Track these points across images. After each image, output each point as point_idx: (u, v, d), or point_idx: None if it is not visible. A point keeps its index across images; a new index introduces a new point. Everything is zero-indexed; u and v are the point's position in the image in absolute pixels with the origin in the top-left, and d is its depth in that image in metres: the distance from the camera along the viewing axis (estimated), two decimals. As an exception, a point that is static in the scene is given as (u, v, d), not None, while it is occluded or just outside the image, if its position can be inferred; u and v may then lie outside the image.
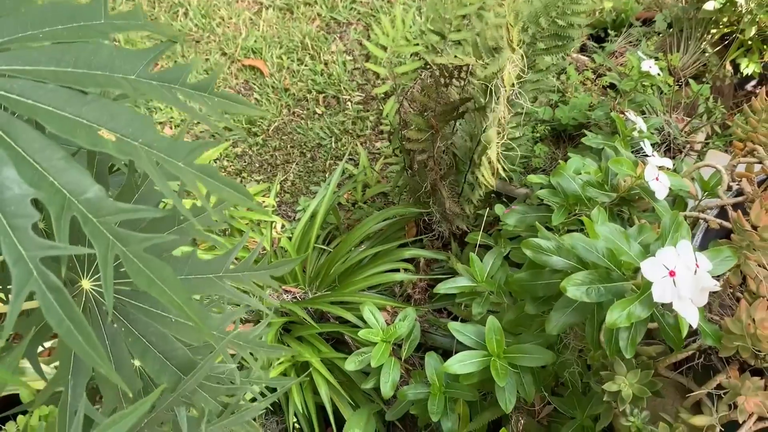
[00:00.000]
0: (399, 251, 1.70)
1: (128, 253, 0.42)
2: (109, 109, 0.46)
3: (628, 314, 0.78)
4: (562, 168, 1.14)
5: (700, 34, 2.04)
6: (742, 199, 1.01)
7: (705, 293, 0.78)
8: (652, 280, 0.76)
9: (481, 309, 1.24)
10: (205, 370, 0.64)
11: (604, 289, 0.84)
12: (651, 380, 0.95)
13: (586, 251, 0.87)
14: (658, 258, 0.77)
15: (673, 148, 1.72)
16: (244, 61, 2.68)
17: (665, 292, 0.76)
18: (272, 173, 2.34)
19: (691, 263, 0.77)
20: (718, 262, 0.82)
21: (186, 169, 0.56)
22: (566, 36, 1.24)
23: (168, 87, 0.61)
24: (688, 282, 0.75)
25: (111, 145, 0.45)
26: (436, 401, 1.22)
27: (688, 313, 0.76)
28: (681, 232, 0.82)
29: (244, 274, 0.76)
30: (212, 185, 0.58)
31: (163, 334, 0.64)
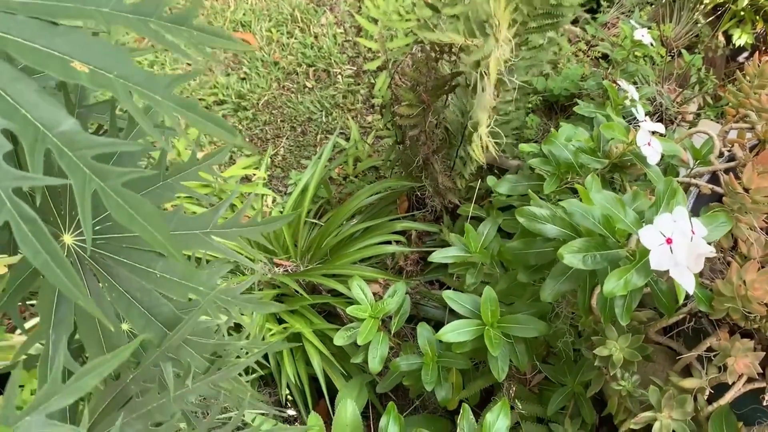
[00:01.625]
0: (391, 224, 1.69)
1: (106, 187, 0.41)
2: (82, 40, 0.44)
3: (625, 282, 0.78)
4: (554, 136, 1.13)
5: (693, 4, 2.02)
6: (734, 164, 1.01)
7: (701, 259, 0.78)
8: (650, 247, 0.76)
9: (474, 279, 1.24)
10: (190, 324, 0.63)
11: (600, 257, 0.84)
12: (641, 345, 0.95)
13: (582, 218, 0.87)
14: (655, 225, 0.77)
15: (665, 118, 1.71)
16: (233, 35, 2.64)
17: (662, 260, 0.76)
18: (263, 147, 2.32)
19: (687, 230, 0.77)
20: (713, 228, 0.82)
21: (164, 102, 0.54)
22: (559, 14, 1.23)
23: (144, 20, 0.59)
24: (685, 249, 0.75)
25: (84, 76, 0.44)
26: (429, 371, 1.23)
27: (685, 280, 0.76)
28: (677, 198, 0.82)
29: (233, 231, 0.75)
30: (193, 118, 0.56)
31: (148, 290, 0.63)
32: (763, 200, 0.82)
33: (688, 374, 0.93)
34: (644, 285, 0.80)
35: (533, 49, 1.32)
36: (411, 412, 1.49)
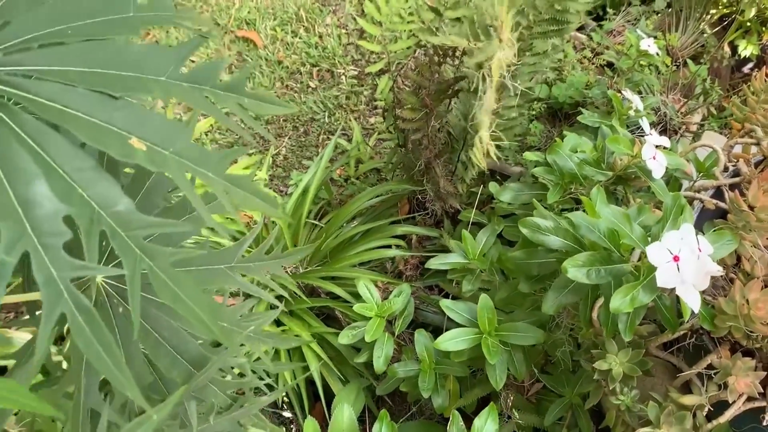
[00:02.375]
0: (391, 228, 1.69)
1: (155, 267, 0.41)
2: (139, 114, 0.43)
3: (631, 299, 0.78)
4: (558, 146, 1.13)
5: (700, 14, 2.02)
6: (739, 180, 1.00)
7: (707, 277, 0.77)
8: (657, 265, 0.75)
9: (472, 286, 1.23)
10: (216, 365, 0.63)
11: (605, 271, 0.84)
12: (641, 359, 0.95)
13: (588, 231, 0.86)
14: (663, 242, 0.76)
15: (669, 128, 1.71)
16: (238, 33, 2.64)
17: (669, 278, 0.75)
18: (264, 147, 2.32)
19: (695, 248, 0.76)
20: (719, 246, 0.82)
21: (215, 179, 0.54)
22: (564, 21, 1.22)
23: (199, 89, 0.58)
24: (692, 267, 0.75)
25: (142, 155, 0.42)
26: (426, 378, 1.23)
27: (691, 298, 0.75)
28: (684, 215, 0.81)
29: (257, 264, 0.75)
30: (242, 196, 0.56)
31: (175, 329, 0.63)
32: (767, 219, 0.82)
33: (687, 390, 0.92)
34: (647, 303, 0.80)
35: (537, 55, 1.31)
36: (408, 417, 1.49)
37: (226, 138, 2.34)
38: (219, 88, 0.53)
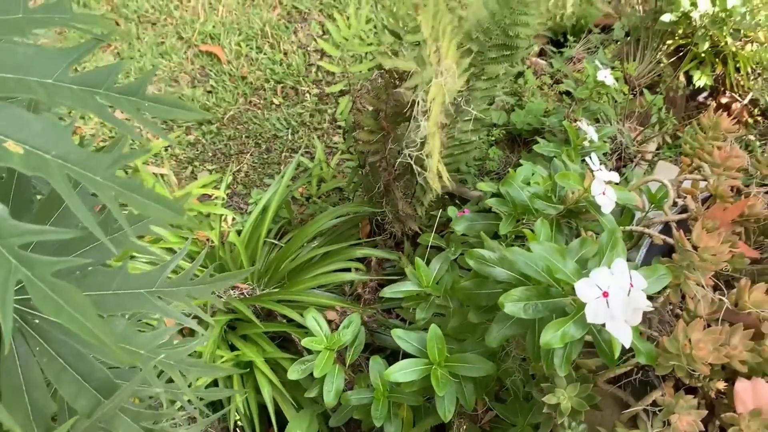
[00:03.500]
0: (350, 250, 1.67)
1: (33, 277, 0.39)
2: (18, 117, 0.42)
3: (562, 334, 0.78)
4: (512, 177, 1.13)
5: (657, 44, 2.06)
6: (686, 216, 1.02)
7: (639, 313, 0.78)
8: (586, 300, 0.76)
9: (425, 314, 1.23)
10: (125, 393, 0.60)
11: (542, 306, 0.84)
12: (589, 394, 0.95)
13: (526, 266, 0.86)
14: (591, 278, 0.77)
15: (625, 156, 1.74)
16: (201, 47, 2.61)
17: (598, 313, 0.76)
18: (225, 163, 2.29)
19: (625, 284, 0.77)
20: (653, 281, 0.83)
21: (105, 183, 0.52)
22: (514, 46, 1.23)
23: (90, 92, 0.56)
24: (621, 303, 0.75)
25: (18, 158, 0.41)
26: (379, 406, 1.21)
27: (621, 333, 0.76)
28: (617, 250, 0.82)
29: (180, 289, 0.72)
30: (136, 201, 0.54)
31: (82, 354, 0.60)
32: (710, 259, 0.83)
33: (634, 425, 0.93)
34: (583, 336, 0.80)
35: (490, 79, 1.32)
36: (362, 445, 1.47)
37: (187, 153, 2.31)
38: (115, 91, 0.51)
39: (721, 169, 1.00)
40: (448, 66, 1.10)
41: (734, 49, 1.95)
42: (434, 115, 1.14)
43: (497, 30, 1.26)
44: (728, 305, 0.82)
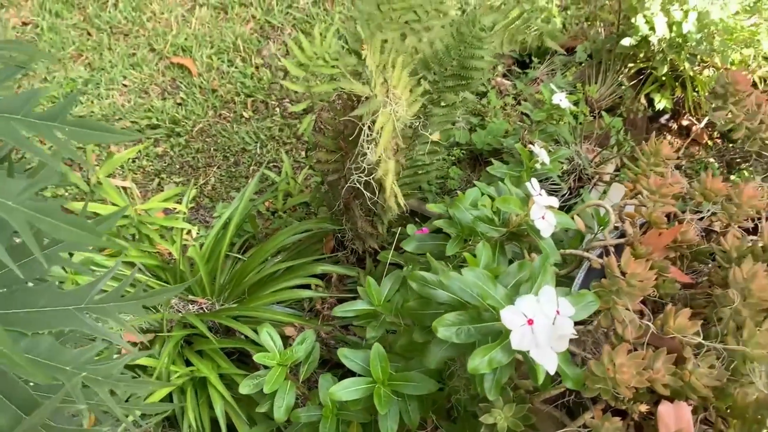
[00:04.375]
0: (311, 266, 1.69)
1: None
2: None
3: (489, 360, 0.80)
4: (460, 199, 1.15)
5: (619, 67, 2.11)
6: (623, 241, 1.05)
7: (565, 339, 0.80)
8: (511, 327, 0.78)
9: (376, 333, 1.24)
10: (46, 410, 0.61)
11: (475, 330, 0.86)
12: (525, 414, 0.97)
13: (461, 290, 0.88)
14: (517, 306, 0.79)
15: (583, 177, 1.77)
16: (173, 59, 2.62)
17: (523, 340, 0.78)
18: (193, 176, 2.29)
19: (550, 312, 0.79)
20: (581, 307, 0.85)
21: (17, 209, 0.53)
22: (469, 77, 1.26)
23: (6, 118, 0.57)
24: (546, 331, 0.77)
25: None
26: (327, 424, 1.22)
27: (545, 360, 0.78)
28: (545, 277, 0.84)
29: (111, 306, 0.73)
30: (50, 225, 0.55)
31: (2, 372, 0.61)
32: (638, 285, 0.85)
33: (568, 445, 0.95)
34: (513, 361, 0.82)
35: (447, 106, 1.35)
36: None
37: (153, 165, 2.31)
38: (34, 117, 0.52)
39: (656, 195, 1.03)
40: (398, 95, 1.13)
41: (692, 73, 2.00)
42: (383, 142, 1.17)
43: (453, 61, 1.28)
44: (654, 330, 0.85)
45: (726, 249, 0.94)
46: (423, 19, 1.53)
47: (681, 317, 0.85)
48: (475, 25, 1.22)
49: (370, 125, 1.10)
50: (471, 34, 1.23)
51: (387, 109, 1.10)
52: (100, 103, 2.48)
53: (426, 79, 1.29)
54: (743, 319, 0.86)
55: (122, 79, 2.57)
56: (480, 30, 1.22)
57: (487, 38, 1.23)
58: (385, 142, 1.15)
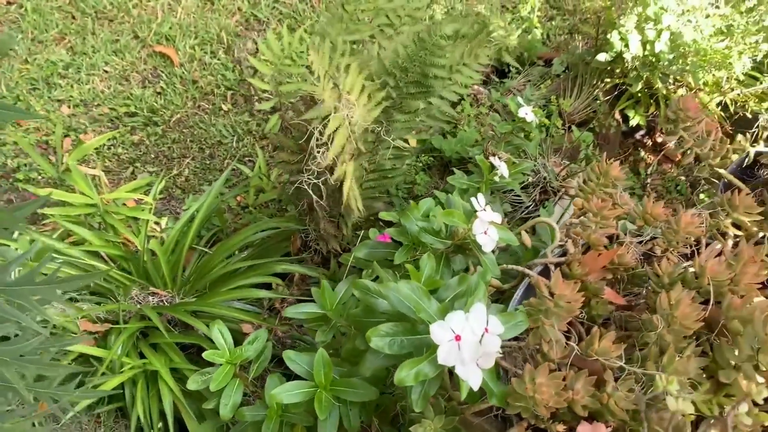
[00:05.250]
0: (272, 265, 1.70)
1: None
2: None
3: (416, 373, 0.81)
4: (411, 209, 1.17)
5: (595, 81, 2.13)
6: (564, 260, 1.06)
7: (492, 357, 0.82)
8: (439, 343, 0.79)
9: (325, 337, 1.25)
10: None
11: (407, 342, 0.87)
12: (455, 426, 0.99)
13: (398, 302, 0.90)
14: (447, 322, 0.80)
15: (548, 190, 1.79)
16: (156, 47, 2.61)
17: (449, 356, 0.79)
18: (168, 166, 2.29)
19: (478, 329, 0.80)
20: (510, 326, 0.87)
21: None
22: (430, 85, 1.27)
23: None
24: (472, 348, 0.79)
25: None
26: (271, 425, 1.23)
27: (470, 376, 0.79)
28: (478, 293, 0.86)
29: (25, 288, 0.74)
30: None
31: None
32: (565, 306, 0.87)
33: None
34: (440, 374, 0.83)
35: (409, 113, 1.36)
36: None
37: (129, 153, 2.31)
38: None
39: (597, 217, 1.04)
40: (352, 100, 1.14)
41: (665, 92, 2.02)
42: (336, 146, 1.18)
43: (414, 68, 1.29)
44: (578, 351, 0.86)
45: (659, 274, 0.96)
46: (396, 24, 1.54)
47: (605, 340, 0.87)
48: (436, 33, 1.23)
49: (321, 129, 1.10)
50: (432, 42, 1.24)
51: (339, 114, 1.10)
52: (79, 88, 2.47)
53: (388, 84, 1.30)
54: (667, 344, 0.87)
55: (104, 65, 2.56)
56: (440, 38, 1.23)
57: (447, 47, 1.24)
58: (337, 147, 1.16)
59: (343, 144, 1.16)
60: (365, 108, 1.25)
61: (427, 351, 0.86)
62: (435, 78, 1.26)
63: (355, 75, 1.14)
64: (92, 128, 2.36)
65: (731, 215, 1.05)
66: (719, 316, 0.91)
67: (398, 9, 1.51)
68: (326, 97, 1.08)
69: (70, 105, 2.44)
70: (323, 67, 1.06)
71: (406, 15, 1.53)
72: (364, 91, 1.21)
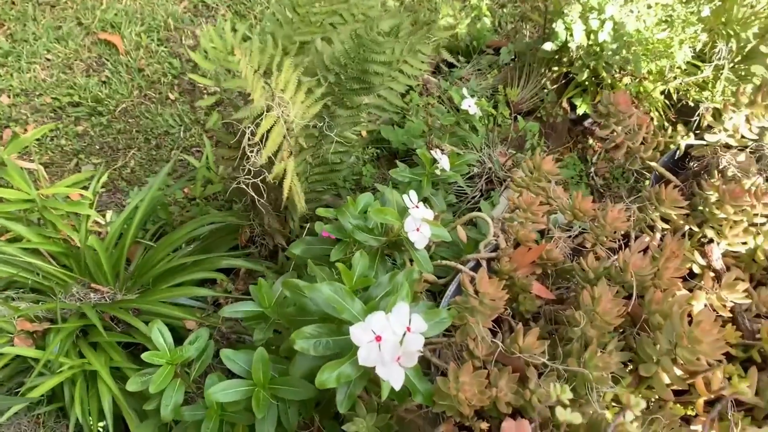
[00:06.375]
0: (217, 260, 1.67)
1: None
2: None
3: (338, 375, 0.81)
4: (348, 206, 1.16)
5: (543, 70, 2.14)
6: (495, 255, 1.07)
7: (414, 355, 0.82)
8: (359, 344, 0.79)
9: (263, 335, 1.24)
10: None
11: (333, 343, 0.87)
12: (388, 423, 0.99)
13: (325, 304, 0.89)
14: (367, 323, 0.80)
15: (494, 180, 1.80)
16: (100, 35, 2.54)
17: (369, 357, 0.79)
18: (113, 157, 2.24)
19: (399, 329, 0.80)
20: (434, 324, 0.87)
21: None
22: (369, 81, 1.26)
23: None
24: (392, 348, 0.79)
25: None
26: (210, 425, 1.22)
27: (391, 376, 0.79)
28: (402, 293, 0.85)
29: None
30: None
31: None
32: (489, 303, 0.88)
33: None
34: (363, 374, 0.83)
35: (352, 108, 1.35)
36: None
37: (72, 144, 2.24)
38: None
39: (527, 213, 1.05)
40: (286, 99, 1.12)
41: (610, 80, 2.04)
42: (271, 146, 1.16)
43: (353, 65, 1.28)
44: (502, 348, 0.87)
45: (585, 269, 0.97)
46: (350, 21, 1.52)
47: (530, 336, 0.88)
48: (373, 29, 1.22)
49: (253, 129, 1.08)
50: (369, 38, 1.23)
51: (273, 113, 1.09)
52: (20, 77, 2.39)
53: (327, 80, 1.28)
54: (590, 340, 0.89)
55: (45, 53, 2.48)
56: (377, 34, 1.22)
57: (385, 43, 1.23)
58: (272, 147, 1.15)
59: (279, 143, 1.15)
60: (303, 105, 1.23)
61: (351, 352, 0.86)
62: (375, 74, 1.25)
63: (289, 72, 1.12)
64: (34, 119, 2.28)
65: (659, 209, 1.07)
66: (642, 311, 0.93)
67: (352, 7, 1.49)
68: (256, 96, 1.06)
69: (10, 95, 2.36)
70: (252, 66, 1.04)
71: (361, 13, 1.51)
72: (300, 88, 1.19)
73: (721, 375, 0.88)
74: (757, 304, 0.97)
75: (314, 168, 1.58)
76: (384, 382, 0.81)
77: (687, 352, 0.84)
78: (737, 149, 1.17)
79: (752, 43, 1.77)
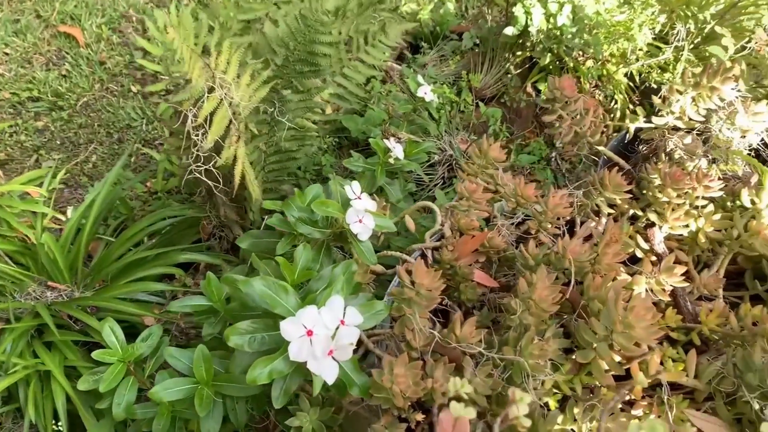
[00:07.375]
0: (175, 255, 1.65)
1: None
2: None
3: (270, 371, 0.80)
4: (295, 198, 1.14)
5: (507, 55, 2.12)
6: (439, 244, 1.06)
7: (348, 349, 0.81)
8: (290, 339, 0.78)
9: (213, 330, 1.23)
10: None
11: (268, 338, 0.86)
12: (332, 416, 0.98)
13: (260, 299, 0.88)
14: (298, 317, 0.79)
15: (455, 168, 1.79)
16: (60, 27, 2.49)
17: (301, 351, 0.78)
18: (74, 152, 2.20)
19: (331, 322, 0.79)
20: (369, 316, 0.86)
21: None
22: (316, 63, 1.24)
23: None
24: (323, 343, 0.78)
25: None
26: (162, 422, 1.21)
27: (324, 371, 0.78)
28: (335, 286, 0.84)
29: None
30: None
31: None
32: (425, 294, 0.87)
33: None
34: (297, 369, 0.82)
35: (302, 92, 1.32)
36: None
37: (33, 140, 2.20)
38: None
39: (469, 201, 1.04)
40: (228, 81, 1.10)
41: (572, 64, 2.03)
42: (216, 128, 1.14)
43: (298, 45, 1.26)
44: (439, 339, 0.87)
45: (525, 256, 0.96)
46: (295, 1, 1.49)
47: (467, 326, 0.87)
48: (318, 9, 1.19)
49: (195, 112, 1.06)
50: (314, 18, 1.20)
51: (215, 95, 1.06)
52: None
53: (274, 62, 1.26)
54: (528, 327, 0.88)
55: (3, 47, 2.43)
56: (322, 14, 1.19)
57: (329, 23, 1.20)
58: (218, 129, 1.13)
59: (225, 126, 1.13)
60: (249, 88, 1.21)
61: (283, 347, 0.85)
62: (323, 56, 1.23)
63: (229, 53, 1.10)
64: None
65: (603, 194, 1.07)
66: (582, 297, 0.92)
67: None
68: (195, 76, 1.03)
69: None
70: (187, 45, 1.02)
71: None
72: (246, 69, 1.17)
73: (658, 359, 0.88)
74: (698, 287, 0.97)
75: (270, 156, 1.56)
76: (316, 376, 0.80)
77: (622, 337, 0.83)
78: (684, 131, 1.17)
79: (710, 24, 1.76)
